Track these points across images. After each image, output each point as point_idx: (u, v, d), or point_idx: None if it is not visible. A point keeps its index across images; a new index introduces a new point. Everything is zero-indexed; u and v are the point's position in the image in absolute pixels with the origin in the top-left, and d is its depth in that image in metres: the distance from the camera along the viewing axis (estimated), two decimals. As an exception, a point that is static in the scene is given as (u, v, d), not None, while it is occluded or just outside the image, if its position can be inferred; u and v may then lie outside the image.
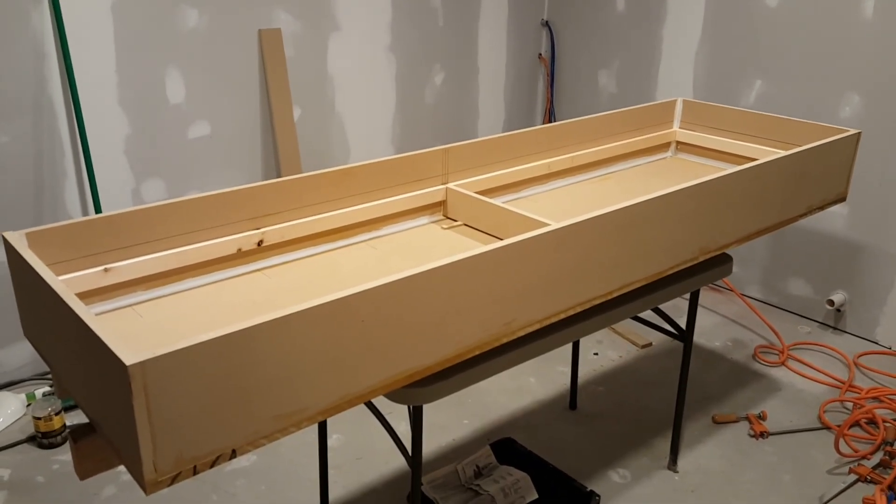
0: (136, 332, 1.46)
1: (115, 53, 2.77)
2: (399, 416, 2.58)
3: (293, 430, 1.25)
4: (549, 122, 4.32)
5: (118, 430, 1.14)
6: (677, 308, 3.37)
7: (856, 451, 2.52)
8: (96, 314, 1.52)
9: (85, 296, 1.52)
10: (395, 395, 1.46)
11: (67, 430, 2.56)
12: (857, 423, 2.65)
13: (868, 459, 2.49)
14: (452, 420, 2.70)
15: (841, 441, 2.55)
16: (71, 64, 2.65)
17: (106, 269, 1.54)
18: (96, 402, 1.23)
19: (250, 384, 1.17)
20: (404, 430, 2.55)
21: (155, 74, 2.89)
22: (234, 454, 1.18)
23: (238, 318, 1.51)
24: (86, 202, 2.85)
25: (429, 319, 1.39)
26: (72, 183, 2.80)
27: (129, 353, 1.05)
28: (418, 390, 1.48)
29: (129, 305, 1.56)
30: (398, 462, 2.48)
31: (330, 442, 2.55)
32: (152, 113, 2.92)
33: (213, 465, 1.16)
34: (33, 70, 2.62)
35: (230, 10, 3.02)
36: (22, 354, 2.83)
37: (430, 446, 2.56)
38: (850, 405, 2.79)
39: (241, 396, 1.16)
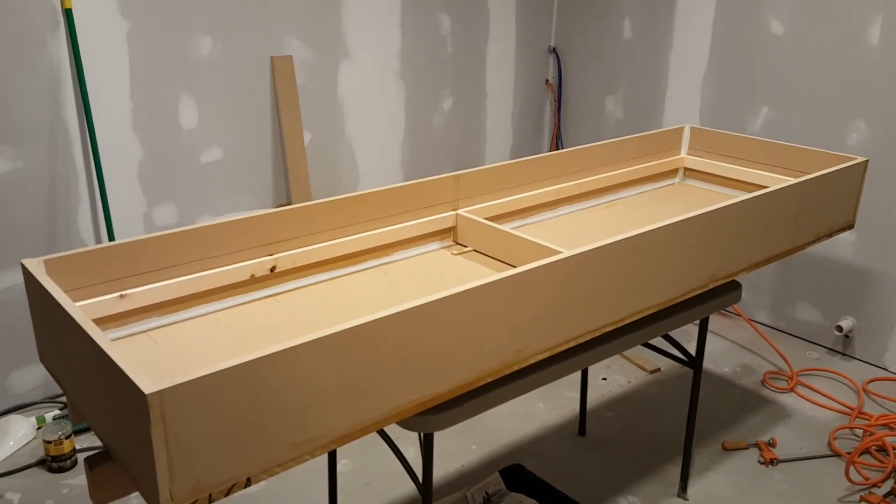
0: (151, 358, 1.47)
1: (129, 80, 2.82)
2: (408, 441, 2.58)
3: (307, 459, 1.26)
4: (557, 147, 4.35)
5: (135, 457, 1.15)
6: (686, 333, 3.37)
7: (866, 479, 2.51)
8: (112, 340, 1.54)
9: (101, 322, 1.54)
10: (407, 423, 1.47)
11: (77, 454, 2.57)
12: (867, 451, 2.64)
13: (879, 487, 2.48)
14: (461, 445, 2.69)
15: (851, 469, 2.53)
16: (86, 90, 2.69)
17: (122, 296, 1.56)
18: (112, 428, 1.24)
19: (265, 412, 1.18)
20: (413, 455, 2.55)
21: (168, 101, 2.93)
22: (248, 482, 1.19)
23: (251, 344, 1.53)
24: (98, 226, 2.88)
25: (441, 347, 1.40)
26: (85, 207, 2.83)
27: (148, 382, 1.06)
28: (430, 418, 1.48)
29: (144, 331, 1.58)
30: (407, 487, 2.47)
31: (339, 467, 2.55)
32: (165, 138, 2.96)
33: (228, 493, 1.16)
34: (49, 96, 2.66)
35: (243, 37, 3.07)
36: (33, 377, 2.85)
37: (439, 472, 2.56)
38: (860, 432, 2.78)
39: (256, 425, 1.17)
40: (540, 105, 4.34)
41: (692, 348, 2.30)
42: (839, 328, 3.26)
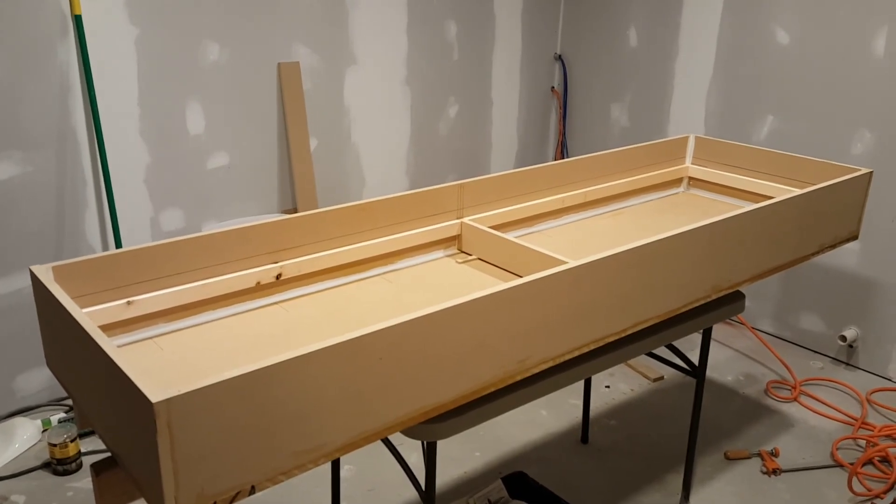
0: (157, 365, 1.48)
1: (137, 86, 2.84)
2: (410, 447, 2.59)
3: (311, 467, 1.27)
4: (562, 154, 4.36)
5: (140, 464, 1.17)
6: (689, 341, 3.37)
7: (869, 490, 2.51)
8: (118, 346, 1.55)
9: (108, 328, 1.55)
10: (410, 432, 1.48)
11: (82, 457, 2.58)
12: (870, 462, 2.64)
13: (881, 499, 2.47)
14: (464, 452, 2.70)
15: (854, 479, 2.53)
16: (95, 96, 2.71)
17: (129, 302, 1.57)
18: (118, 435, 1.25)
19: (270, 421, 1.19)
20: (416, 460, 2.56)
21: (176, 106, 2.95)
22: (253, 490, 1.20)
23: (256, 352, 1.54)
24: (106, 230, 2.90)
25: (444, 357, 1.41)
26: (92, 211, 2.85)
27: (155, 391, 1.07)
28: (433, 426, 1.49)
29: (151, 338, 1.59)
30: (410, 493, 2.48)
31: (342, 473, 2.56)
32: (172, 144, 2.98)
33: (232, 500, 1.17)
34: (58, 102, 2.69)
35: (250, 44, 3.08)
36: (39, 380, 2.87)
37: (441, 478, 2.57)
38: (863, 443, 2.78)
39: (261, 433, 1.19)
40: (545, 112, 4.35)
41: (695, 356, 2.30)
42: (843, 338, 3.25)
